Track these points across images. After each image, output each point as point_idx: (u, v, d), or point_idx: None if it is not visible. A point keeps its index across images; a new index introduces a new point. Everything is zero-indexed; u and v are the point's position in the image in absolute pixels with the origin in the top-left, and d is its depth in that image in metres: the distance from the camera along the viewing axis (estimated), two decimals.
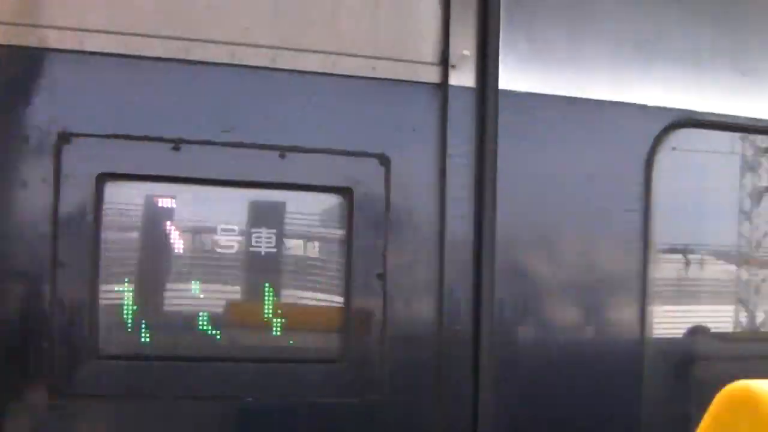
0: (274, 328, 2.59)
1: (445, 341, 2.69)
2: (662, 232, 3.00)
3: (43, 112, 2.40)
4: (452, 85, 2.70)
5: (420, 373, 2.66)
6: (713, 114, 3.03)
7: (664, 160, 2.97)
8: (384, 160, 2.65)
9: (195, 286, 2.56)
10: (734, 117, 3.07)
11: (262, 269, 2.62)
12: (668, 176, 3.00)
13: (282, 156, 2.57)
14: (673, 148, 3.00)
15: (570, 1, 2.88)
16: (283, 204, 2.64)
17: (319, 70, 2.60)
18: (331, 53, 2.61)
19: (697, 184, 3.20)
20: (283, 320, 2.60)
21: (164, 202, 2.54)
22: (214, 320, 2.55)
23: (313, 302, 2.68)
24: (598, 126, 2.88)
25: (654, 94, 2.94)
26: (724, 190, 3.34)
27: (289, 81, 2.57)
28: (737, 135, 3.24)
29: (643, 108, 2.92)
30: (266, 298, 2.59)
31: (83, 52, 2.43)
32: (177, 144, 2.48)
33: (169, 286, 2.57)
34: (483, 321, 2.71)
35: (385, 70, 2.66)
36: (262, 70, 2.56)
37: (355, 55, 2.64)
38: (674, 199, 3.05)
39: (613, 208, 2.88)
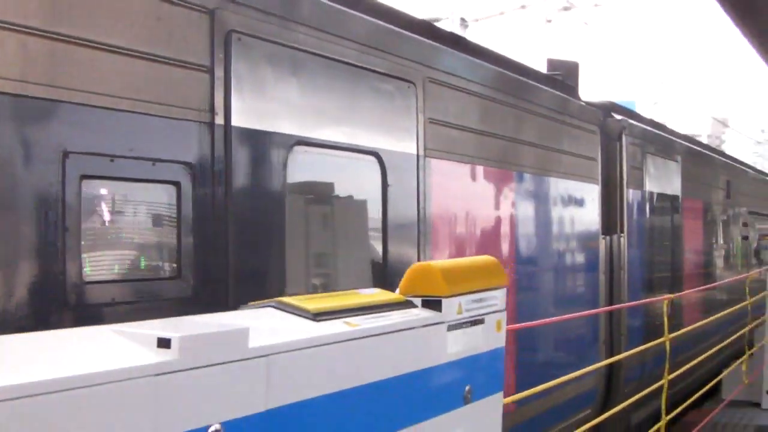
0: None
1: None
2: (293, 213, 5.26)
3: None
4: (216, 123, 4.63)
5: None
6: (312, 138, 5.39)
7: (291, 164, 5.23)
8: (190, 166, 4.49)
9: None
10: (322, 140, 5.47)
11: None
12: (294, 174, 5.28)
13: (153, 164, 4.27)
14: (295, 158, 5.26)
15: (259, 78, 4.96)
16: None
17: (159, 114, 4.34)
18: (168, 105, 4.37)
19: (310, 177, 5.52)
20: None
21: None
22: None
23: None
24: (272, 144, 5.03)
25: (289, 127, 5.18)
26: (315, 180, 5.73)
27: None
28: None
29: (284, 134, 5.15)
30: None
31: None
32: (112, 158, 4.05)
33: None
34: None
35: (189, 114, 4.50)
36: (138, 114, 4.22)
37: (175, 106, 4.43)
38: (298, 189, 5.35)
39: (271, 196, 5.05)
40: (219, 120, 4.62)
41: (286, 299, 3.36)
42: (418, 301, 3.51)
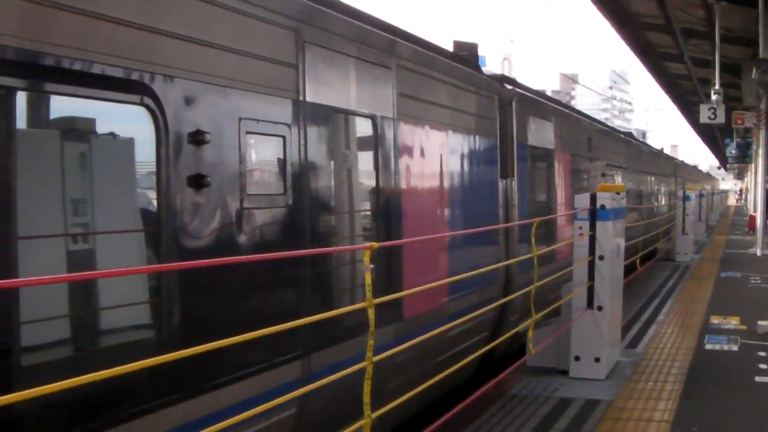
0: None
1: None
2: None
3: None
4: (299, 100, 7.55)
5: None
6: (340, 107, 8.36)
7: (331, 124, 8.19)
8: (289, 126, 7.43)
9: None
10: (345, 108, 8.46)
11: None
12: (334, 130, 8.25)
13: (274, 125, 7.18)
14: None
15: (317, 70, 7.90)
16: None
17: (276, 95, 7.27)
18: (279, 89, 7.30)
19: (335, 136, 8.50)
20: None
21: None
22: None
23: None
24: (323, 112, 7.97)
25: (330, 100, 8.15)
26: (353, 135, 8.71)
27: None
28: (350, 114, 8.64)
29: (328, 105, 8.10)
30: None
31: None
32: (258, 121, 6.96)
33: None
34: None
35: (287, 95, 7.42)
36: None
37: (282, 89, 7.37)
38: (339, 139, 8.32)
39: (323, 142, 8.05)
40: (300, 98, 7.56)
41: None
42: None
